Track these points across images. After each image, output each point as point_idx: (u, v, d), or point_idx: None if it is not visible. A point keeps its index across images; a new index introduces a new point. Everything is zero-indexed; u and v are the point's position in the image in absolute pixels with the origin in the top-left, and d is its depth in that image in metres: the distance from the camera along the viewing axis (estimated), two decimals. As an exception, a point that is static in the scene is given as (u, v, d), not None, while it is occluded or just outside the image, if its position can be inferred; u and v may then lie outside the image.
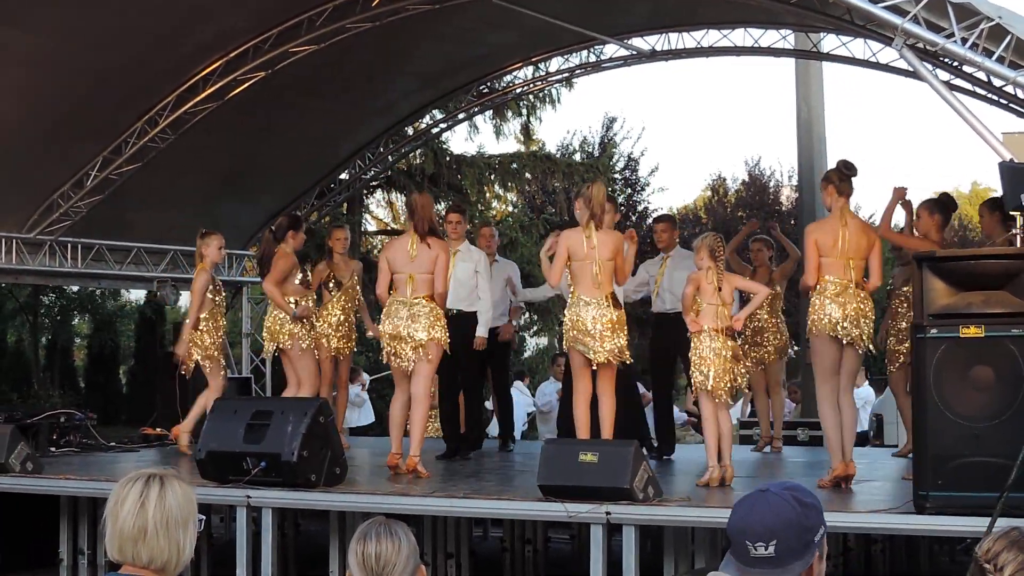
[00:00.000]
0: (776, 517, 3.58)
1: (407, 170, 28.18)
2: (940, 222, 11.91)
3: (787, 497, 3.61)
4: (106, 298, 34.96)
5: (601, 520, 9.86)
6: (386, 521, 4.41)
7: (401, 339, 11.87)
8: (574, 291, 11.47)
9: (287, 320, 13.41)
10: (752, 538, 3.59)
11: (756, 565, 3.59)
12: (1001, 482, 8.50)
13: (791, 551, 3.56)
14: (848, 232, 10.90)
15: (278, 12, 15.74)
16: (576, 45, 18.88)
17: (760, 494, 3.65)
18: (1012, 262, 9.38)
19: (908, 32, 10.44)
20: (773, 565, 3.57)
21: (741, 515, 3.64)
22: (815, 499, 3.65)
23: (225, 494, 11.47)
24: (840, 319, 10.80)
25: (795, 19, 16.13)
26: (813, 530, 3.59)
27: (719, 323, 11.25)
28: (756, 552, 3.58)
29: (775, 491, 3.64)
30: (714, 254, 11.42)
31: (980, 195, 59.66)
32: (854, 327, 10.79)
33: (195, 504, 4.14)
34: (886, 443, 18.42)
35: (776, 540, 3.56)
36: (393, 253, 12.22)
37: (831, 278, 10.88)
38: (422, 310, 11.92)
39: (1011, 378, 9.06)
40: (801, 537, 3.56)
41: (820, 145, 23.77)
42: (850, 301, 10.80)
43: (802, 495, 3.62)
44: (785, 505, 3.59)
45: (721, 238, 11.78)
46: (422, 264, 11.99)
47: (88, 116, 16.24)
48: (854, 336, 10.82)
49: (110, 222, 18.02)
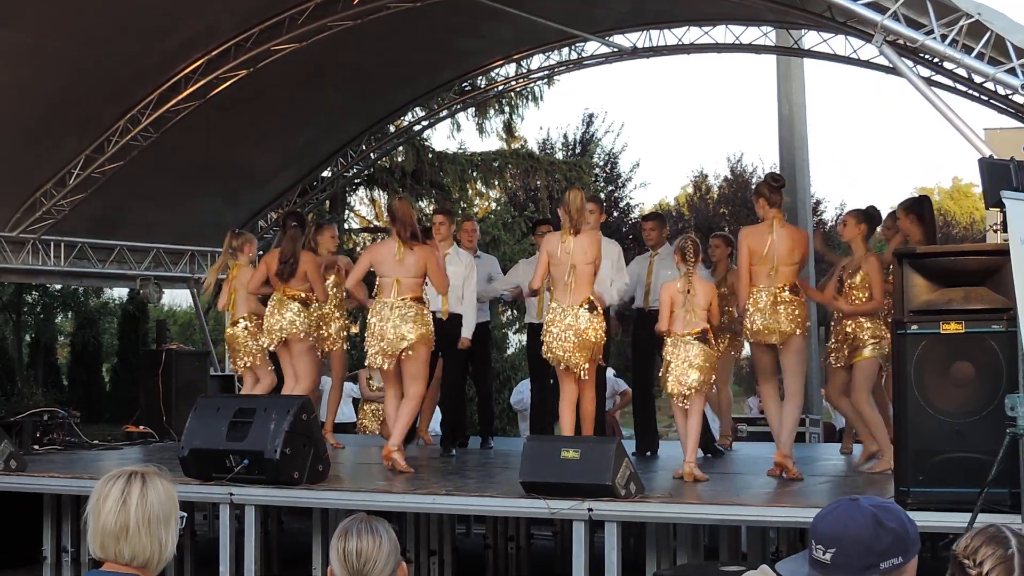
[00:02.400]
0: (845, 528, 3.54)
1: (389, 167, 28.17)
2: (865, 232, 12.13)
3: (868, 512, 3.55)
4: (89, 296, 34.86)
5: (583, 517, 9.88)
6: (367, 518, 4.41)
7: (389, 340, 11.88)
8: (552, 295, 11.58)
9: (295, 314, 13.29)
10: (817, 540, 3.58)
11: (814, 567, 3.58)
12: (982, 478, 8.55)
13: (847, 566, 3.52)
14: (775, 240, 11.30)
15: (260, 10, 15.72)
16: (558, 42, 18.90)
17: (848, 502, 3.61)
18: (992, 258, 9.41)
19: (888, 29, 10.48)
20: (824, 571, 3.55)
21: (821, 515, 3.62)
22: (904, 526, 3.57)
23: (208, 492, 11.48)
24: (761, 328, 11.34)
25: (776, 16, 16.15)
26: (883, 555, 3.51)
27: (686, 328, 11.45)
28: (816, 554, 3.57)
29: (863, 503, 3.59)
30: (686, 257, 11.54)
31: (962, 191, 59.86)
32: (774, 331, 11.31)
33: (177, 501, 4.15)
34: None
35: (836, 549, 3.53)
36: (379, 256, 12.20)
37: (760, 286, 11.37)
38: (409, 311, 11.92)
39: (991, 374, 9.10)
40: (863, 556, 3.51)
41: (801, 141, 23.76)
42: (776, 307, 11.27)
43: (887, 518, 3.56)
44: (861, 519, 3.55)
45: (696, 241, 11.91)
46: (408, 268, 11.99)
47: (70, 114, 16.22)
48: (785, 336, 11.30)
49: (92, 220, 18.00)
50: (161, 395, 17.26)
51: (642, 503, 10.07)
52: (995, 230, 9.28)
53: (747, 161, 41.17)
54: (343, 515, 10.22)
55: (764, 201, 11.51)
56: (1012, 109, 14.53)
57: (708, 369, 11.46)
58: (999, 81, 10.48)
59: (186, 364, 18.03)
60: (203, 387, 17.60)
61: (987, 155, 9.47)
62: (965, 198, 58.47)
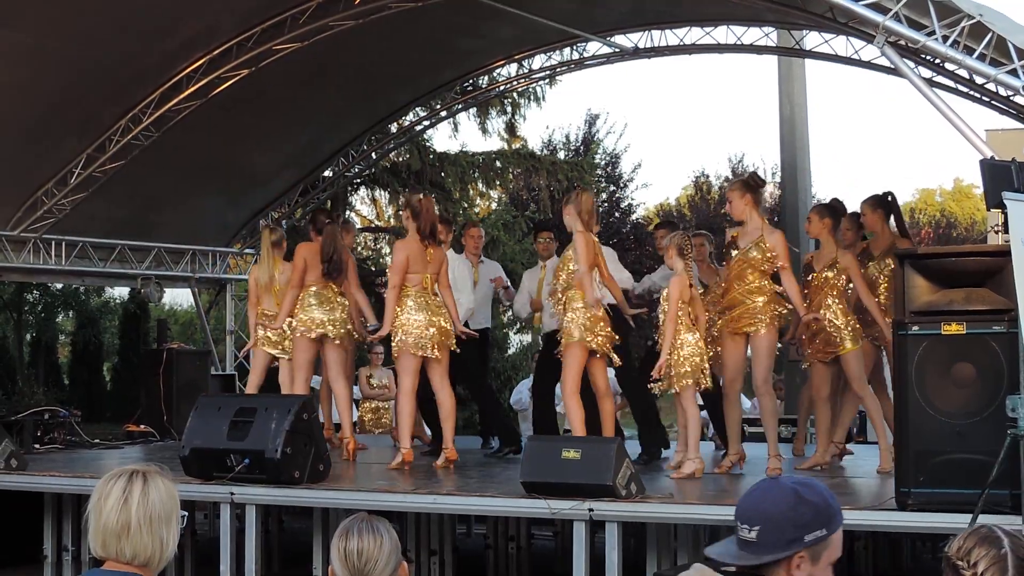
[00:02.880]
0: (767, 504, 3.61)
1: (391, 167, 28.16)
2: (831, 226, 12.23)
3: (788, 488, 3.62)
4: (90, 295, 34.86)
5: (584, 517, 9.89)
6: (368, 517, 4.41)
7: (438, 328, 12.26)
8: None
9: (342, 311, 13.32)
10: (742, 519, 3.64)
11: (741, 547, 3.63)
12: (983, 479, 8.55)
13: (772, 542, 3.57)
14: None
15: (262, 10, 15.73)
16: (559, 43, 18.90)
17: (769, 480, 3.69)
18: (993, 259, 9.41)
19: (889, 30, 10.48)
20: (752, 550, 3.60)
21: (744, 497, 3.69)
22: (824, 501, 3.62)
23: (209, 491, 11.48)
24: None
25: (777, 17, 16.15)
26: (806, 528, 3.57)
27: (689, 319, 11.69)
28: (741, 534, 3.63)
29: (783, 481, 3.66)
30: (683, 252, 11.67)
31: (963, 191, 59.85)
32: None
33: (178, 500, 4.15)
34: (869, 440, 18.44)
35: (760, 526, 3.58)
36: (413, 253, 12.39)
37: None
38: (441, 308, 12.40)
39: (992, 375, 9.10)
40: (787, 531, 3.56)
41: (803, 142, 23.78)
42: None
43: (807, 492, 3.61)
44: (781, 495, 3.61)
45: (687, 236, 12.02)
46: (433, 266, 12.41)
47: (72, 113, 16.22)
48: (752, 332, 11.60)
49: (93, 219, 18.00)
50: (162, 394, 17.27)
51: (643, 503, 10.06)
52: (996, 231, 9.27)
53: (748, 161, 41.19)
54: (344, 515, 10.22)
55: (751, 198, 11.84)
56: (1013, 110, 14.53)
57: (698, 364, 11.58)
58: (1000, 82, 10.48)
59: (187, 363, 18.05)
60: (204, 386, 17.62)
61: (988, 156, 9.47)
62: (967, 199, 58.49)
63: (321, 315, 13.19)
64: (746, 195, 11.82)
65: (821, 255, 12.22)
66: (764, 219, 11.89)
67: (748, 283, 11.63)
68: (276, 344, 13.92)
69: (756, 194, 11.93)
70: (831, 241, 12.14)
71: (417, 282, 12.31)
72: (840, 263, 11.93)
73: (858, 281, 11.91)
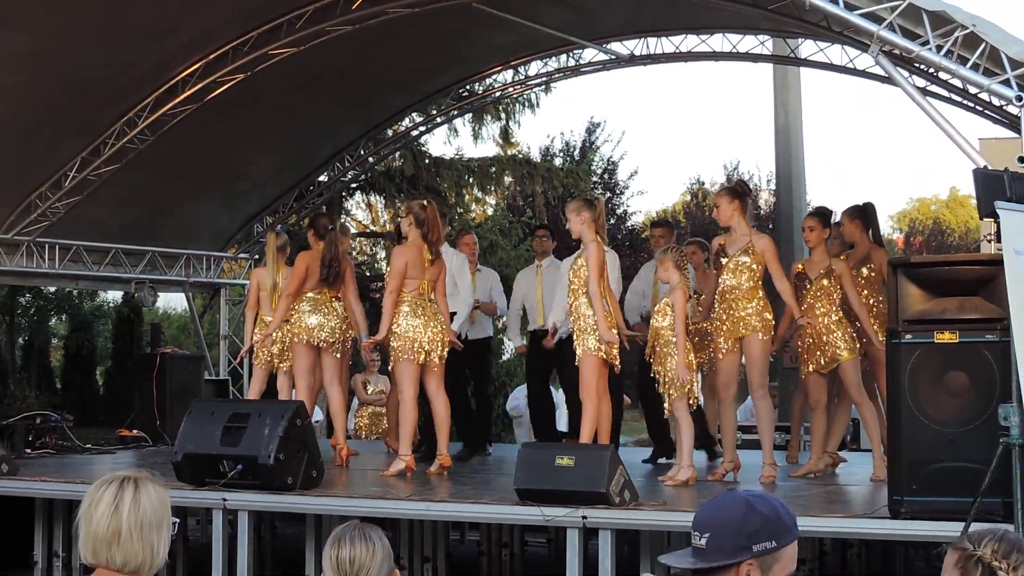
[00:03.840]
0: (718, 512, 3.68)
1: (386, 172, 28.15)
2: (829, 234, 12.47)
3: (740, 498, 3.68)
4: (83, 299, 34.84)
5: (577, 524, 9.90)
6: (361, 525, 4.42)
7: (434, 336, 12.39)
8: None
9: (340, 319, 13.33)
10: (695, 527, 3.71)
11: (692, 554, 3.69)
12: (975, 487, 8.56)
13: (719, 548, 3.63)
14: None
15: (258, 14, 15.71)
16: (555, 49, 18.89)
17: (725, 492, 3.77)
18: (986, 268, 9.44)
19: (884, 39, 10.49)
20: (700, 556, 3.67)
21: (701, 507, 3.77)
22: (775, 514, 3.67)
23: (202, 497, 11.48)
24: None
25: (773, 25, 16.16)
26: (753, 537, 3.62)
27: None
28: (694, 541, 3.70)
29: (738, 492, 3.73)
30: (679, 266, 11.84)
31: (959, 201, 59.86)
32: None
33: (169, 506, 4.15)
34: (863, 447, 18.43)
35: (709, 533, 3.65)
36: (412, 259, 12.48)
37: None
38: (438, 315, 12.54)
39: (985, 383, 9.12)
40: (734, 539, 3.62)
41: (798, 150, 23.76)
42: None
43: (759, 503, 3.67)
44: (733, 504, 3.67)
45: (681, 250, 12.13)
46: (432, 272, 12.52)
47: (67, 116, 16.19)
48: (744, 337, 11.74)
49: (88, 223, 17.98)
50: (155, 399, 17.25)
51: (636, 511, 10.07)
52: (989, 240, 9.32)
53: (743, 169, 41.29)
54: (337, 521, 10.21)
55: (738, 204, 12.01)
56: (1006, 120, 14.54)
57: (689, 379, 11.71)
58: (994, 92, 10.50)
59: (180, 368, 18.01)
60: (197, 391, 17.59)
61: (982, 165, 9.49)
62: (961, 208, 58.54)
63: (316, 321, 13.21)
64: (733, 201, 11.98)
65: (813, 263, 12.28)
66: (750, 225, 12.00)
67: (740, 288, 11.70)
68: (268, 364, 13.97)
69: (743, 200, 12.04)
70: (823, 249, 12.22)
71: (415, 288, 12.37)
72: (836, 271, 12.01)
73: (850, 290, 11.98)
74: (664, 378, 11.67)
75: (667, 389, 11.64)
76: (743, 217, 11.94)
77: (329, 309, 13.29)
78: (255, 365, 14.15)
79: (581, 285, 11.66)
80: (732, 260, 11.81)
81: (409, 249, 12.50)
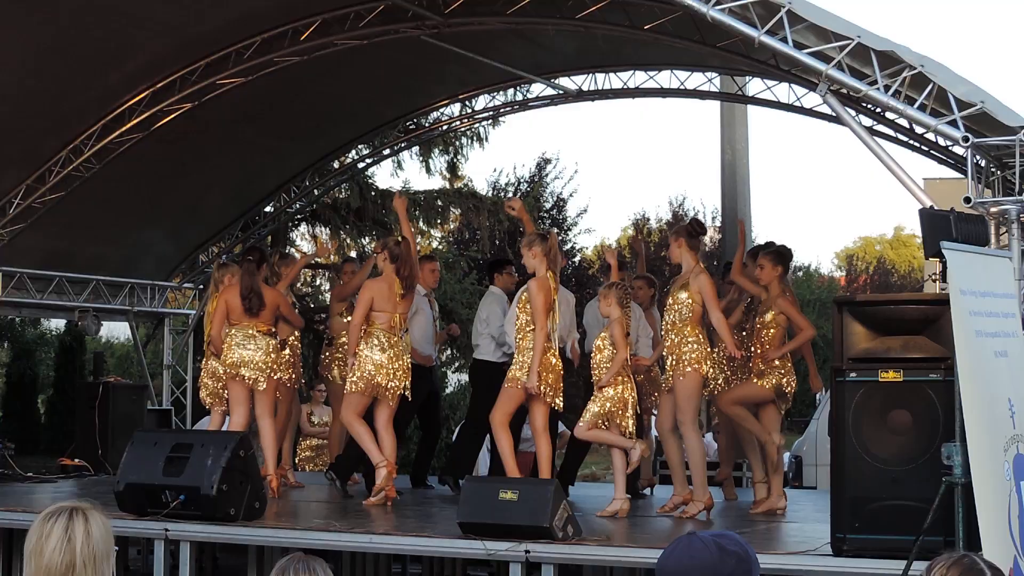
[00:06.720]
0: (691, 559, 3.66)
1: (332, 204, 28.10)
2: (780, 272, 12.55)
3: (709, 542, 3.68)
4: (26, 326, 34.57)
5: (520, 558, 9.88)
6: (304, 557, 4.40)
7: (396, 372, 12.55)
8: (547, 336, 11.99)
9: (267, 350, 13.27)
10: None
11: None
12: (918, 525, 8.59)
13: None
14: None
15: (206, 44, 15.67)
16: (503, 83, 18.95)
17: (686, 537, 3.74)
18: (931, 308, 9.51)
19: (832, 78, 10.55)
20: None
21: (664, 556, 3.73)
22: (743, 550, 3.70)
23: (143, 527, 11.40)
24: None
25: (721, 62, 16.28)
26: None
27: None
28: None
29: (700, 536, 3.71)
30: (623, 303, 11.99)
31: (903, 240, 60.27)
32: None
33: (112, 536, 4.13)
34: (805, 484, 18.51)
35: None
36: (379, 293, 12.64)
37: None
38: (407, 350, 12.84)
39: (928, 422, 9.17)
40: None
41: (743, 187, 23.94)
42: None
43: (727, 543, 3.68)
44: (704, 550, 3.66)
45: (626, 289, 12.25)
46: (404, 306, 12.74)
47: (12, 143, 16.10)
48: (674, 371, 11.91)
49: (32, 251, 17.85)
50: (97, 428, 17.14)
51: (579, 545, 10.07)
52: (934, 279, 9.39)
53: (689, 205, 41.36)
54: (279, 552, 10.18)
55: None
56: (952, 160, 14.66)
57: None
58: (941, 133, 10.59)
59: (123, 397, 17.92)
60: (140, 421, 17.51)
61: (928, 205, 9.56)
62: (904, 247, 58.95)
63: (243, 355, 13.17)
64: (679, 239, 12.19)
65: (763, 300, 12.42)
66: (698, 262, 12.12)
67: (676, 327, 11.83)
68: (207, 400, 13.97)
69: (692, 239, 12.19)
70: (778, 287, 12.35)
71: (386, 321, 12.55)
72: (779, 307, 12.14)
73: (798, 319, 12.29)
74: (603, 408, 11.80)
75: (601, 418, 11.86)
76: (691, 254, 12.13)
77: (258, 342, 13.23)
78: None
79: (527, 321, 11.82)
80: (671, 295, 12.06)
81: (379, 284, 12.67)
